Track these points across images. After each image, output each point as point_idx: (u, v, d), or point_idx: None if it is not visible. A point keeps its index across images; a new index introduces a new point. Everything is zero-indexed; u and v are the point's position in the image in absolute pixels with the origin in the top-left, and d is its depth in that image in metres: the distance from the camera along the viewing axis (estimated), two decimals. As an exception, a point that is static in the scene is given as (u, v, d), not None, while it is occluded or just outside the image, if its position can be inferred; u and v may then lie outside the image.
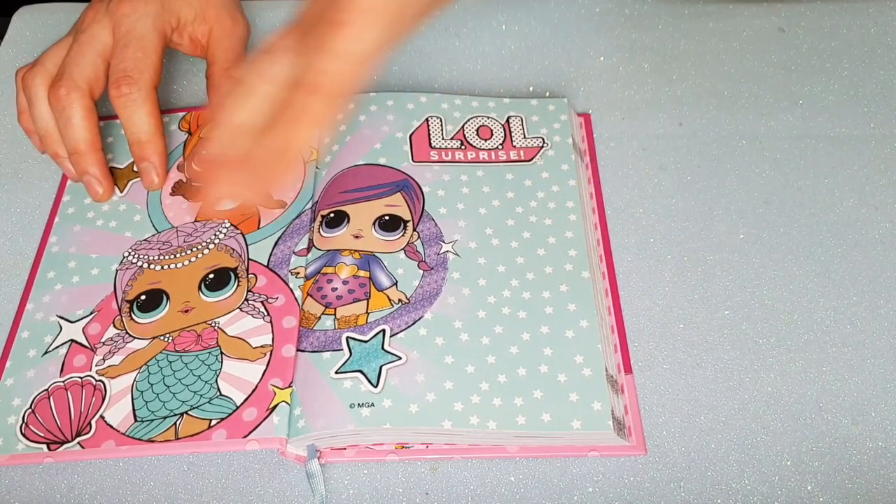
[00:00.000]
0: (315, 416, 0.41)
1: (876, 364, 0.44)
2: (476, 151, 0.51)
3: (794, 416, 0.43)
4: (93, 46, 0.49)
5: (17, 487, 0.42)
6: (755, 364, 0.44)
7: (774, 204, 0.51)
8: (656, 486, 0.41)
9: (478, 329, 0.43)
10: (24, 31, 0.62)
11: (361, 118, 0.53)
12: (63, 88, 0.48)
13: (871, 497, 0.40)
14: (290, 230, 0.48)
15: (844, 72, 0.57)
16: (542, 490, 0.41)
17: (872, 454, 0.42)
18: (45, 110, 0.49)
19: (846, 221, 0.50)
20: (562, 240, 0.47)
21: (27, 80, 0.50)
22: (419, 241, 0.47)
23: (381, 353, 0.42)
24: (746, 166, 0.52)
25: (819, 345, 0.45)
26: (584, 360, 0.42)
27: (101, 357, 0.44)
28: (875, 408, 0.43)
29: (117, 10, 0.50)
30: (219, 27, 0.53)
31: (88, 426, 0.42)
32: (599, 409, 0.41)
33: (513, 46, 0.59)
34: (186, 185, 0.51)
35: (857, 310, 0.46)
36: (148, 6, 0.50)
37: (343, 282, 0.45)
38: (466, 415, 0.40)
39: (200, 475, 0.42)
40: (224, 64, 0.53)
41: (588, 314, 0.44)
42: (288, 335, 0.44)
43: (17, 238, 0.51)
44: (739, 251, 0.49)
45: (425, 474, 0.42)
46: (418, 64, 0.59)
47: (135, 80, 0.48)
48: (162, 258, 0.47)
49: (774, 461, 0.41)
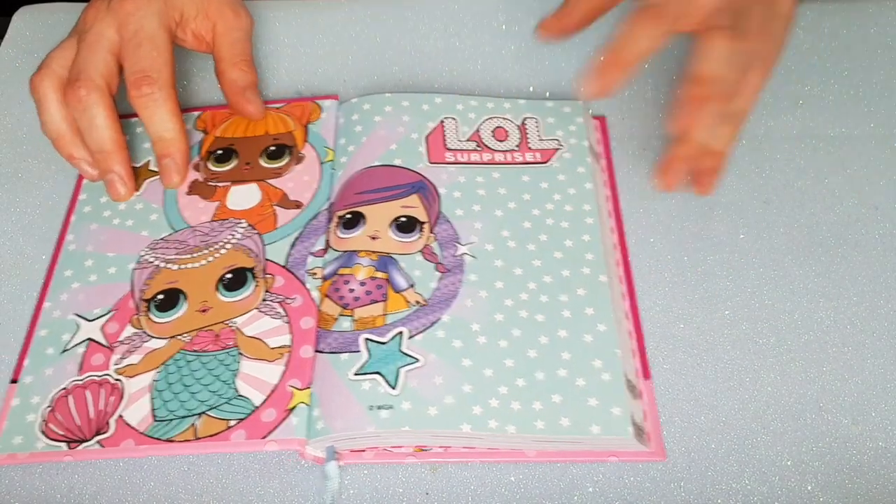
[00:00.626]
0: (334, 418, 0.41)
1: (876, 364, 0.44)
2: (492, 153, 0.51)
3: (794, 416, 0.43)
4: (102, 45, 0.49)
5: (18, 487, 0.42)
6: (755, 364, 0.44)
7: (774, 204, 0.51)
8: (656, 486, 0.41)
9: (495, 332, 0.43)
10: (24, 31, 0.62)
11: (377, 119, 0.53)
12: (83, 89, 0.48)
13: (872, 497, 0.40)
14: (307, 231, 0.48)
15: (844, 72, 0.57)
16: (542, 490, 0.41)
17: (873, 454, 0.41)
18: (56, 113, 0.49)
19: (846, 221, 0.50)
20: (579, 243, 0.47)
21: (34, 84, 0.49)
22: (436, 242, 0.47)
23: (399, 355, 0.42)
24: (746, 166, 0.52)
25: (819, 345, 0.45)
26: (603, 365, 0.42)
27: (119, 356, 0.44)
28: (875, 408, 0.43)
29: (120, 8, 0.50)
30: (222, 22, 0.53)
31: (107, 425, 0.42)
32: (619, 414, 0.40)
33: (513, 46, 0.59)
34: (203, 184, 0.51)
35: (857, 310, 0.46)
36: (151, 3, 0.50)
37: (360, 283, 0.45)
38: (485, 418, 0.40)
39: (200, 475, 0.42)
40: (232, 59, 0.53)
41: (606, 318, 0.44)
42: (306, 336, 0.44)
43: (18, 238, 0.51)
44: (739, 251, 0.49)
45: (425, 474, 0.42)
46: (418, 64, 0.59)
47: (154, 79, 0.49)
48: (179, 257, 0.47)
49: (774, 461, 0.41)
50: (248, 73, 0.53)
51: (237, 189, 0.51)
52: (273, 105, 0.55)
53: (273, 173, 0.51)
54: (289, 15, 0.61)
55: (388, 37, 0.60)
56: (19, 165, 0.55)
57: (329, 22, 0.61)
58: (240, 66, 0.53)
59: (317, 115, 0.54)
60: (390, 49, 0.60)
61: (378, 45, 0.60)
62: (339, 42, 0.60)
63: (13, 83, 0.59)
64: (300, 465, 0.42)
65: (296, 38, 0.61)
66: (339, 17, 0.62)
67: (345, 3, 0.62)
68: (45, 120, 0.49)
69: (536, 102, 0.54)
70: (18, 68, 0.60)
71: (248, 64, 0.53)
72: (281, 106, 0.55)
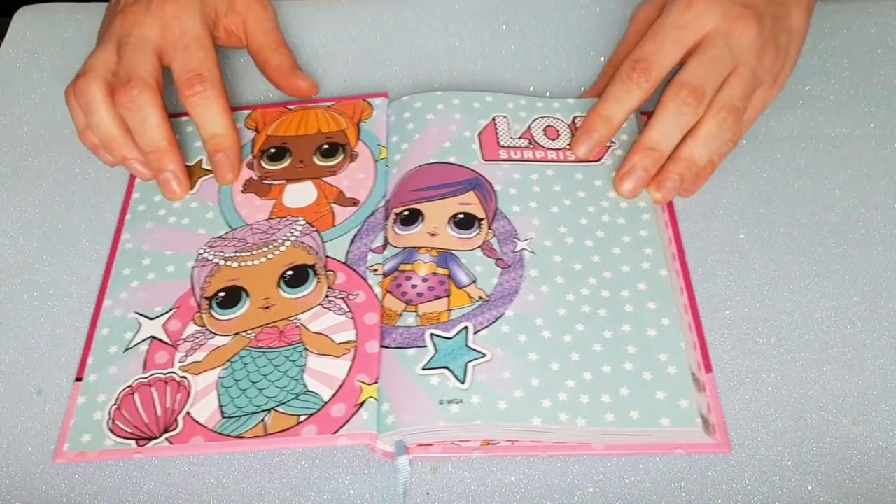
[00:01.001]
0: (403, 412, 0.41)
1: (876, 364, 0.44)
2: (545, 151, 0.51)
3: (794, 416, 0.43)
4: (146, 47, 0.50)
5: (18, 487, 0.42)
6: (755, 364, 0.44)
7: (774, 204, 0.51)
8: (656, 485, 0.41)
9: (559, 326, 0.44)
10: (24, 31, 0.62)
11: (429, 116, 0.53)
12: (135, 89, 0.48)
13: (872, 497, 0.40)
14: (366, 227, 0.49)
15: (844, 72, 0.57)
16: (542, 490, 0.41)
17: (873, 454, 0.42)
18: (107, 116, 0.49)
19: (846, 221, 0.50)
20: (637, 238, 0.47)
21: (81, 88, 0.49)
22: (495, 238, 0.47)
23: (465, 350, 0.43)
24: (746, 166, 0.52)
25: (819, 345, 0.45)
26: (668, 359, 0.42)
27: (183, 354, 0.44)
28: (875, 408, 0.43)
29: (161, 10, 0.51)
30: (251, 16, 0.55)
31: (175, 422, 0.42)
32: (686, 406, 0.41)
33: (513, 46, 0.59)
34: (258, 182, 0.51)
35: (857, 310, 0.46)
36: (191, 4, 0.51)
37: (423, 279, 0.46)
38: (555, 411, 0.40)
39: (200, 475, 0.42)
40: (271, 46, 0.55)
41: (669, 312, 0.44)
42: (371, 331, 0.44)
43: (17, 237, 0.51)
44: (739, 251, 0.49)
45: (426, 474, 0.42)
46: (419, 64, 0.59)
47: (206, 77, 0.49)
48: (238, 255, 0.48)
49: (774, 461, 0.41)
50: (290, 56, 0.55)
51: (293, 187, 0.51)
52: (323, 103, 0.55)
53: (327, 171, 0.52)
54: (289, 15, 0.61)
55: (388, 37, 0.60)
56: (19, 165, 0.55)
57: (329, 22, 0.61)
58: (280, 51, 0.55)
59: (368, 113, 0.54)
60: (390, 49, 0.60)
61: (378, 45, 0.60)
62: (338, 42, 0.60)
63: (13, 83, 0.60)
64: (300, 465, 0.42)
65: (296, 38, 0.61)
66: (339, 16, 0.62)
67: (345, 2, 0.62)
68: (96, 122, 0.49)
69: (586, 101, 0.54)
70: (18, 68, 0.60)
71: (286, 48, 0.55)
72: (332, 104, 0.55)
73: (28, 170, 0.55)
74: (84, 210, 0.52)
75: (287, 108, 0.55)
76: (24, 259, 0.50)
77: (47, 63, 0.60)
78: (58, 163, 0.55)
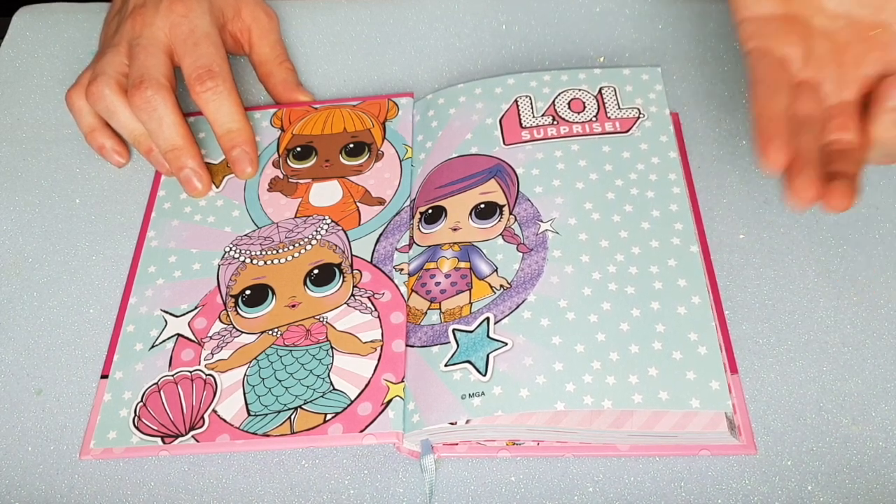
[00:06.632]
0: (429, 411, 0.41)
1: (876, 364, 0.44)
2: (569, 125, 0.50)
3: (794, 416, 0.43)
4: (157, 47, 0.50)
5: (18, 487, 0.42)
6: (755, 364, 0.44)
7: (774, 204, 0.50)
8: (656, 485, 0.41)
9: (584, 307, 0.42)
10: (24, 31, 0.63)
11: (451, 111, 0.52)
12: (150, 90, 0.48)
13: (872, 497, 0.40)
14: (391, 227, 0.48)
15: (845, 72, 0.57)
16: (542, 490, 0.41)
17: (872, 454, 0.41)
18: (129, 115, 0.50)
19: (846, 221, 0.49)
20: (666, 213, 0.46)
21: (96, 92, 0.50)
22: (516, 223, 0.46)
23: (486, 342, 0.42)
24: (746, 166, 0.52)
25: (819, 345, 0.45)
26: (699, 338, 0.41)
27: (209, 351, 0.44)
28: (875, 408, 0.43)
29: (171, 11, 0.51)
30: (257, 26, 0.55)
31: (202, 420, 0.42)
32: (717, 388, 0.39)
33: (513, 46, 0.59)
34: (283, 181, 0.51)
35: (857, 310, 0.46)
36: (201, 4, 0.52)
37: (445, 276, 0.45)
38: (580, 395, 0.40)
39: (200, 475, 0.42)
40: (276, 59, 0.56)
41: (700, 290, 0.43)
42: (396, 330, 0.44)
43: (17, 237, 0.51)
44: (739, 251, 0.49)
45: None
46: (418, 64, 0.59)
47: (217, 72, 0.50)
48: (264, 253, 0.48)
49: (774, 461, 0.41)
50: (293, 71, 0.56)
51: (319, 186, 0.51)
52: (348, 102, 0.55)
53: (353, 170, 0.52)
54: (289, 15, 0.61)
55: (388, 37, 0.60)
56: (19, 165, 0.55)
57: (329, 22, 0.61)
58: (285, 66, 0.56)
59: (394, 112, 0.54)
60: (390, 49, 0.60)
61: (378, 45, 0.60)
62: (338, 42, 0.60)
63: (13, 83, 0.60)
64: (300, 465, 0.42)
65: (295, 39, 0.61)
66: (338, 16, 0.62)
67: (345, 3, 0.62)
68: (123, 122, 0.50)
69: (613, 71, 0.52)
70: (18, 68, 0.60)
71: (290, 62, 0.57)
72: (357, 104, 0.55)
73: (28, 170, 0.55)
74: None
75: (312, 107, 0.55)
76: (24, 259, 0.50)
77: (47, 63, 0.61)
78: (58, 163, 0.55)
